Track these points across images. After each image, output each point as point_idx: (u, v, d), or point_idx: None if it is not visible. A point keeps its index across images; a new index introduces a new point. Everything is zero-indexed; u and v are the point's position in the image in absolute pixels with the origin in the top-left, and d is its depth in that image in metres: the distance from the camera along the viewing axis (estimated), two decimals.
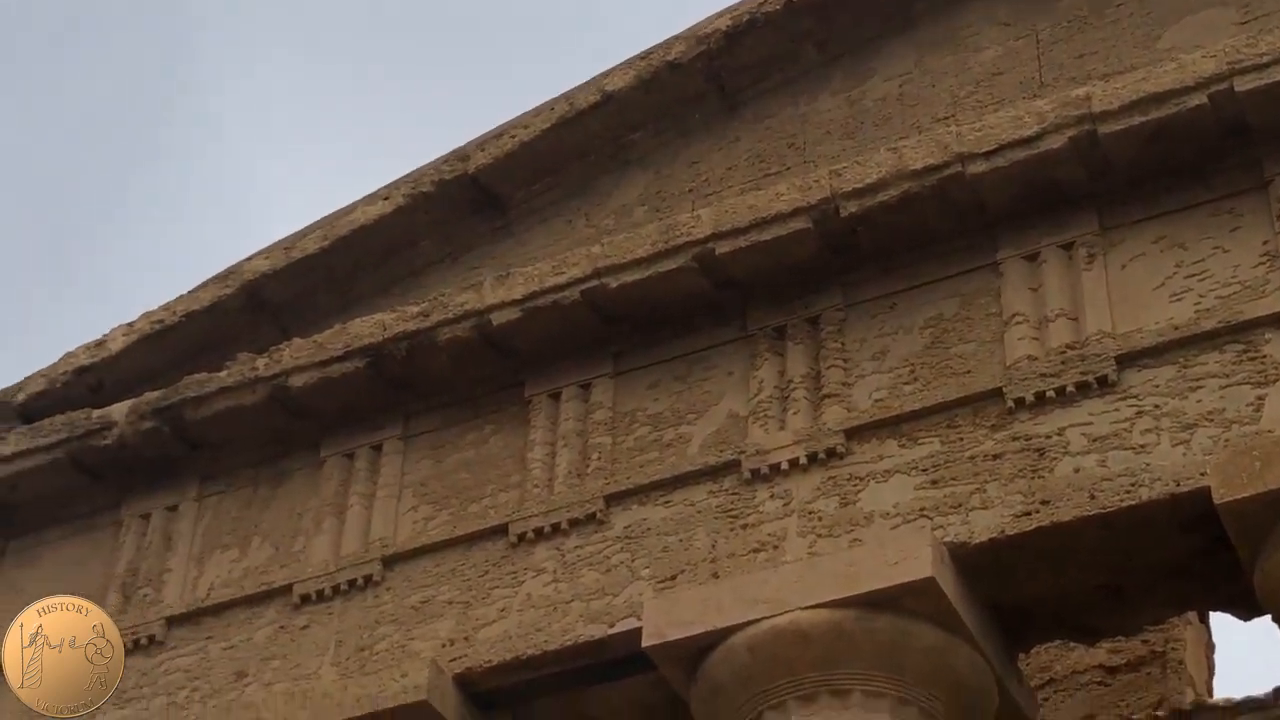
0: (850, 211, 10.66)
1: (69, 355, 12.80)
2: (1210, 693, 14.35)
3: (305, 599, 11.27)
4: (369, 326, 11.69)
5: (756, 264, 10.94)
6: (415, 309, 11.61)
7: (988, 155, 10.35)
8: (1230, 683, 28.97)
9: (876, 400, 10.46)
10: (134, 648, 11.51)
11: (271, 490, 11.99)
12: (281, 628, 11.26)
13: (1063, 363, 9.97)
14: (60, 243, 42.39)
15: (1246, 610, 9.95)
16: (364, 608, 11.09)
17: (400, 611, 10.97)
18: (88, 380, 12.71)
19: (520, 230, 12.58)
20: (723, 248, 10.93)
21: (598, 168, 12.49)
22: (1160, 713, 13.13)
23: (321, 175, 42.37)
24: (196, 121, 41.66)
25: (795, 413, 10.60)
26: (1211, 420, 9.46)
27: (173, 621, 11.57)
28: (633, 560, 10.54)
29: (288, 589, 11.36)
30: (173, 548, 11.94)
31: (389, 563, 11.20)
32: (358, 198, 12.81)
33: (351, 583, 11.19)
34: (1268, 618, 9.69)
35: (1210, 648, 14.71)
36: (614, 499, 10.82)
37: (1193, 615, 13.74)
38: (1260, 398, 9.41)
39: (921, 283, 10.75)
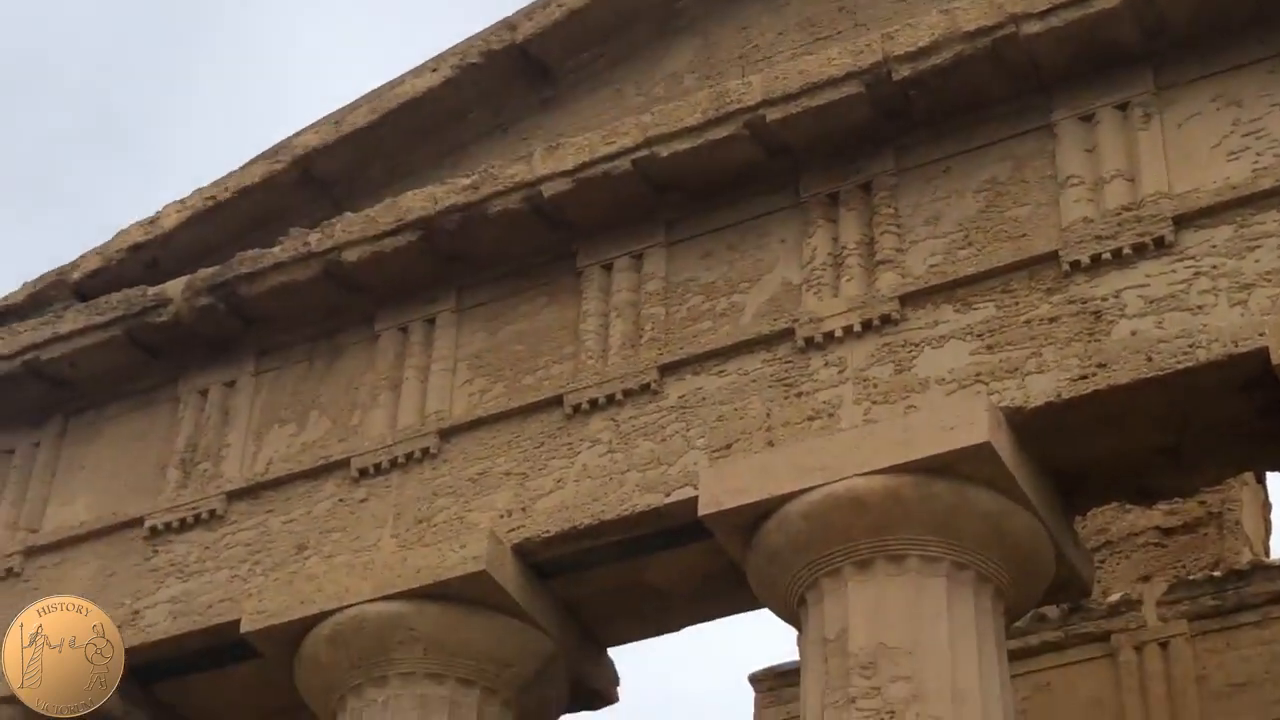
0: (903, 75, 10.54)
1: (123, 233, 12.85)
2: (1267, 552, 14.35)
3: (363, 472, 11.36)
4: (420, 200, 11.67)
5: (808, 130, 10.85)
6: (465, 181, 11.58)
7: (1042, 15, 10.19)
8: None
9: (931, 265, 10.40)
10: (195, 522, 11.67)
11: (327, 365, 12.05)
12: (340, 501, 11.36)
13: (1119, 224, 9.88)
14: (113, 119, 42.47)
15: None
16: (421, 480, 11.17)
17: (458, 483, 11.04)
18: (142, 257, 12.76)
19: (569, 100, 12.49)
20: (774, 114, 10.83)
21: (647, 35, 12.37)
22: (1217, 573, 13.14)
23: (370, 47, 42.21)
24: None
25: (849, 280, 10.56)
26: (1269, 280, 9.36)
27: (233, 496, 11.70)
28: (687, 430, 10.56)
29: (345, 462, 11.45)
30: (231, 423, 12.04)
31: (445, 435, 11.26)
32: (406, 70, 12.75)
33: (409, 455, 11.26)
34: None
35: (1267, 507, 14.69)
36: (668, 369, 10.83)
37: (1249, 476, 13.70)
38: None
39: (975, 146, 10.64)
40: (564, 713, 11.36)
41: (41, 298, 12.80)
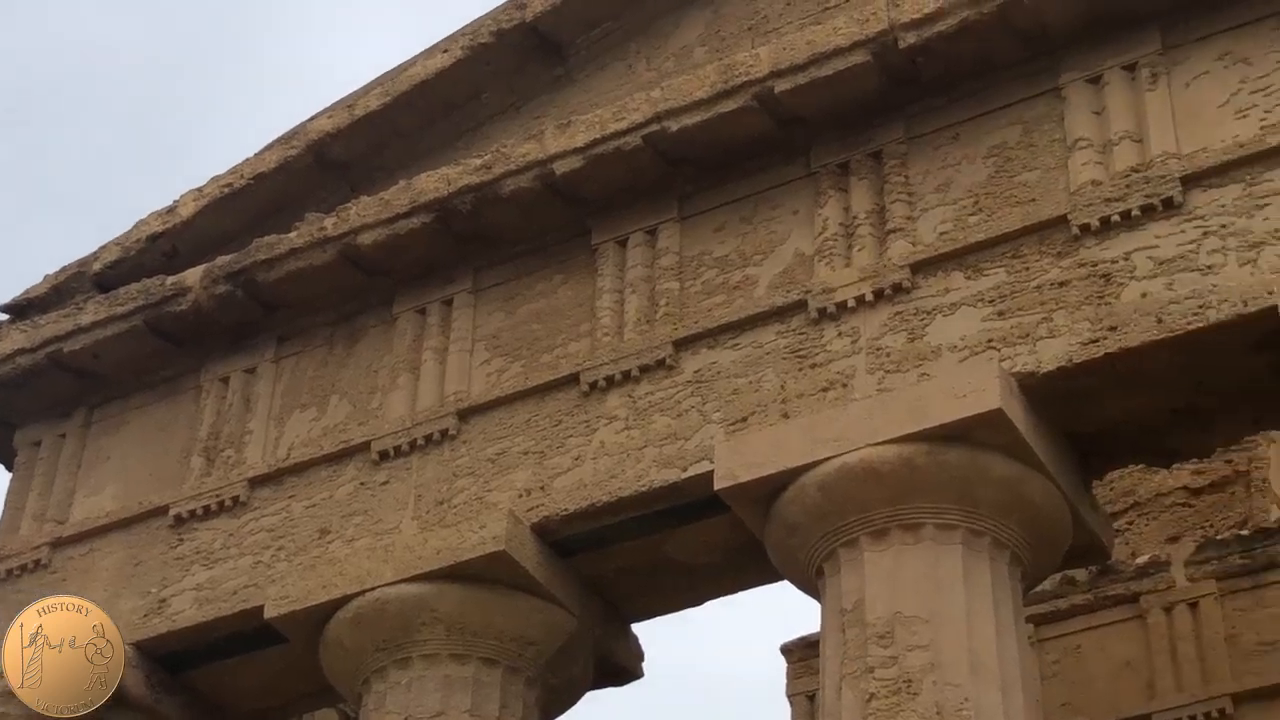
0: (909, 43, 10.51)
1: (141, 223, 12.93)
2: None
3: (384, 455, 11.42)
4: (433, 181, 11.70)
5: (817, 100, 10.83)
6: (478, 161, 11.61)
7: None
8: None
9: (941, 233, 10.37)
10: (219, 509, 11.76)
11: (346, 349, 12.11)
12: (362, 484, 11.42)
13: (1127, 186, 9.83)
14: (135, 113, 42.63)
15: None
16: (441, 461, 11.22)
17: (477, 464, 11.09)
18: (161, 247, 12.85)
19: (581, 76, 12.50)
20: (782, 85, 10.82)
21: (657, 9, 12.36)
22: (1244, 531, 13.09)
23: (380, 30, 42.22)
24: None
25: (861, 249, 10.54)
26: (1279, 238, 9.30)
27: (255, 482, 11.77)
28: (703, 404, 10.57)
29: (366, 446, 11.51)
30: (252, 409, 12.12)
31: (464, 416, 11.31)
32: (418, 51, 12.78)
33: (428, 437, 11.32)
34: None
35: None
36: (683, 344, 10.84)
37: (1276, 434, 13.62)
38: None
39: (983, 111, 10.61)
40: (589, 689, 11.42)
41: (63, 289, 12.91)
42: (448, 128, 12.67)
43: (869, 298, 10.33)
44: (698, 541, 10.78)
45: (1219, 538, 13.19)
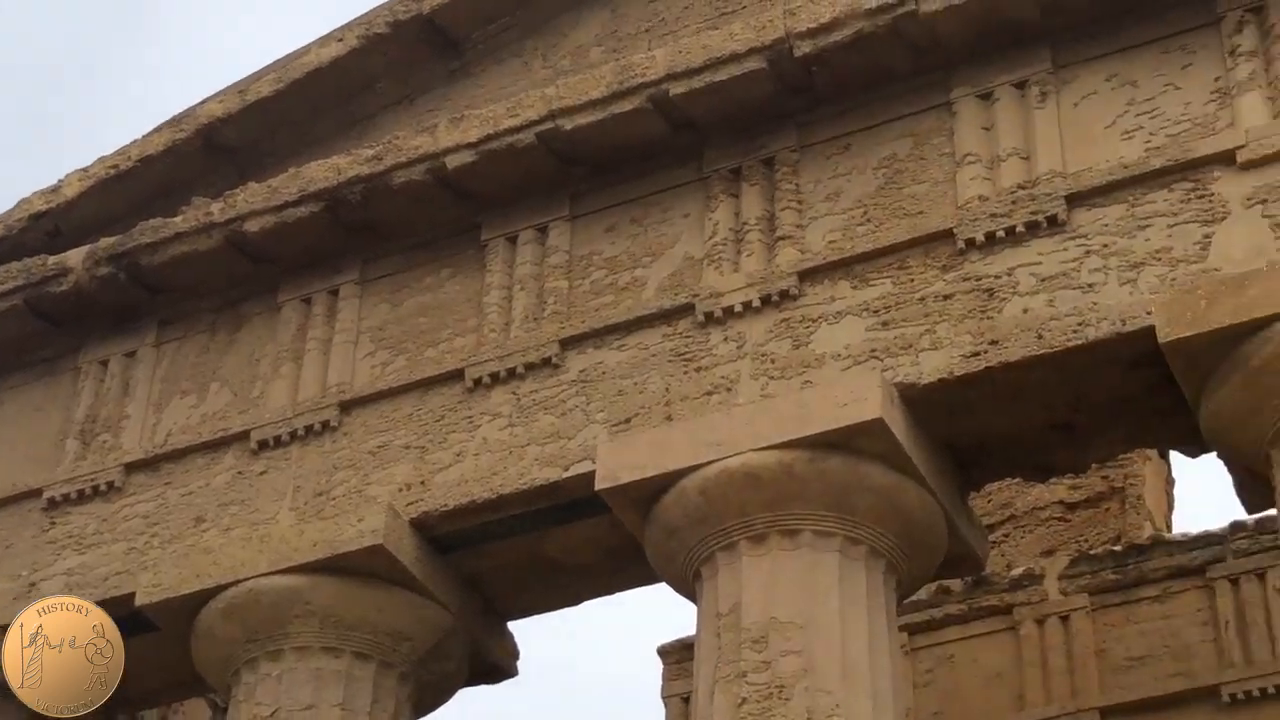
0: (804, 51, 10.56)
1: (24, 201, 12.73)
2: (1169, 527, 14.50)
3: (263, 444, 11.32)
4: (323, 170, 11.62)
5: (712, 105, 10.86)
6: (369, 152, 11.54)
7: None
8: (1201, 517, 29.26)
9: (830, 241, 10.44)
10: (93, 494, 11.61)
11: (229, 336, 12.00)
12: (239, 473, 11.32)
13: (1013, 202, 9.94)
14: (23, 90, 42.00)
15: (1194, 446, 10.00)
16: (321, 453, 11.14)
17: (357, 456, 11.03)
18: (44, 226, 12.66)
19: (477, 71, 12.45)
20: (677, 89, 10.84)
21: (555, 6, 12.33)
22: (1118, 547, 13.27)
23: (274, 14, 41.87)
24: None
25: (749, 255, 10.59)
26: (1159, 259, 9.45)
27: (131, 468, 11.63)
28: (588, 404, 10.57)
29: (245, 435, 11.41)
30: (131, 394, 11.98)
31: (346, 408, 11.24)
32: (312, 39, 12.67)
33: (309, 428, 11.24)
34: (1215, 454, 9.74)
35: (1170, 483, 14.85)
36: (569, 343, 10.84)
37: (1153, 451, 13.83)
38: (1208, 236, 9.40)
39: (875, 123, 10.69)
40: (463, 686, 11.38)
41: None
42: (340, 117, 12.59)
43: (756, 303, 10.38)
44: (577, 541, 10.78)
45: (1092, 553, 13.37)
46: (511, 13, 12.38)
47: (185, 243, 11.84)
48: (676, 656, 14.24)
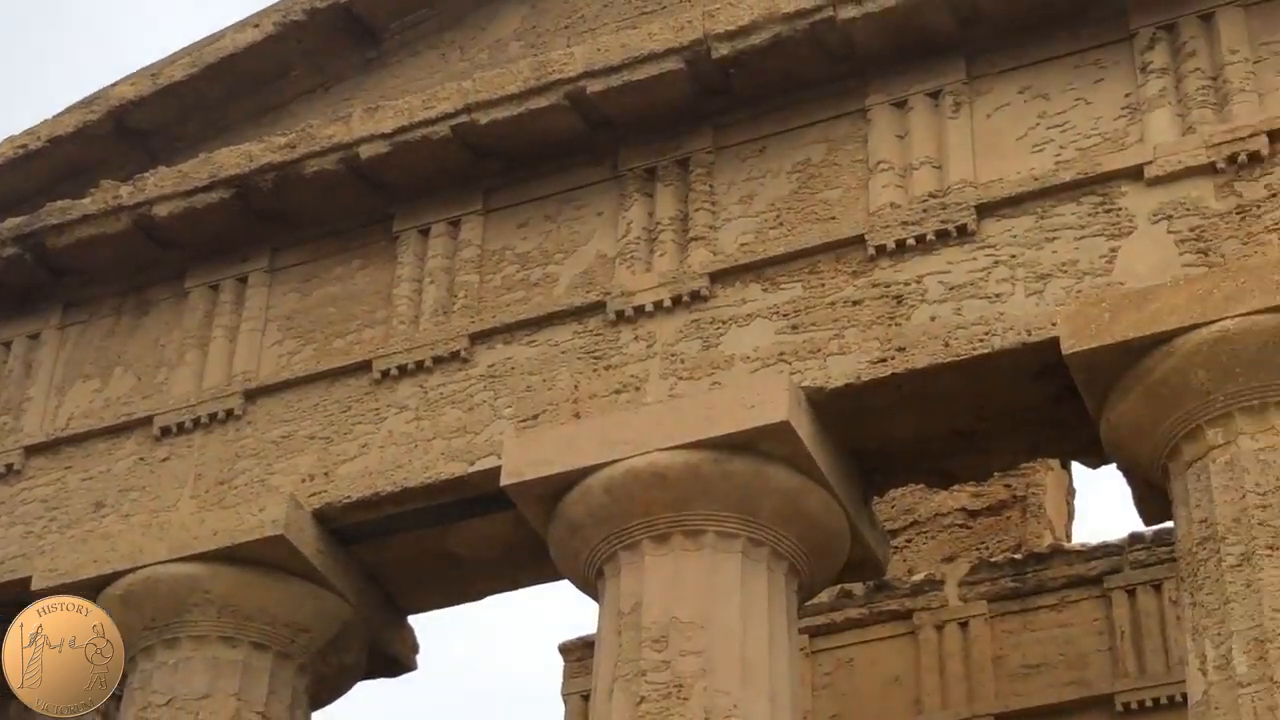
0: (722, 54, 10.58)
1: None
2: (1068, 537, 14.65)
3: (166, 431, 11.22)
4: (235, 157, 11.53)
5: (628, 104, 10.86)
6: (282, 140, 11.46)
7: (859, 0, 10.26)
8: (1101, 528, 29.59)
9: (742, 244, 10.47)
10: None
11: (135, 320, 11.88)
12: (141, 459, 11.22)
13: (924, 211, 10.01)
14: None
15: (1095, 457, 10.10)
16: (224, 441, 11.06)
17: (261, 446, 10.95)
18: None
19: (393, 62, 12.40)
20: (594, 86, 10.83)
21: (474, 0, 12.29)
22: (1018, 555, 13.38)
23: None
24: None
25: (662, 254, 10.60)
26: (1065, 271, 9.54)
27: (31, 451, 11.51)
28: (495, 399, 10.55)
29: (148, 420, 11.31)
30: (33, 376, 11.85)
31: (251, 396, 11.16)
32: (229, 23, 12.57)
33: (213, 416, 11.15)
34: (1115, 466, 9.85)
35: (1071, 493, 15.00)
36: (479, 337, 10.81)
37: (1055, 461, 13.96)
38: (1114, 250, 9.50)
39: (791, 127, 10.73)
40: (361, 679, 11.33)
41: None
42: (253, 104, 12.49)
43: (667, 303, 10.39)
44: (480, 536, 10.75)
45: (993, 560, 13.48)
46: (430, 4, 12.34)
47: (93, 225, 11.72)
48: (578, 654, 14.24)
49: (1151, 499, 9.69)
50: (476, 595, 11.29)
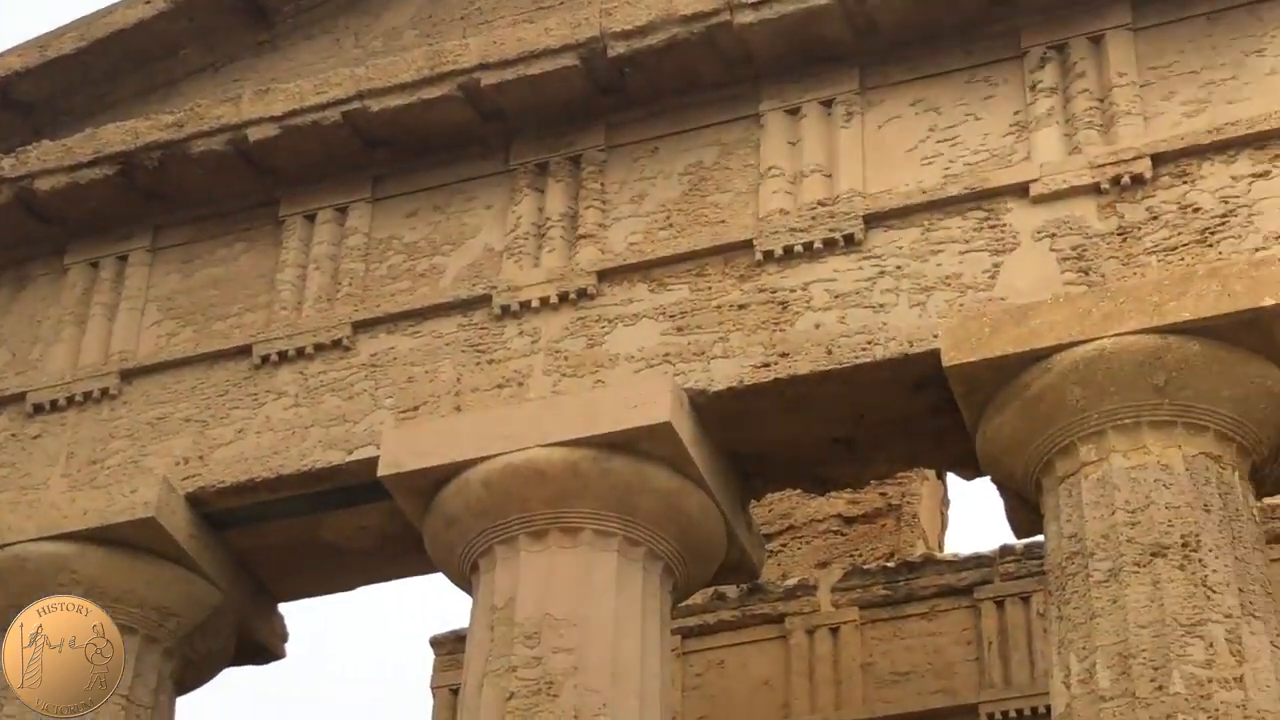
0: (618, 52, 10.59)
1: None
2: (941, 546, 14.81)
3: (39, 408, 11.07)
4: (121, 133, 11.38)
5: (522, 98, 10.84)
6: (169, 118, 11.33)
7: (756, 6, 10.32)
8: (973, 538, 29.96)
9: (631, 244, 10.48)
10: None
11: (12, 295, 11.71)
12: (13, 435, 11.06)
13: (813, 218, 10.07)
14: None
15: (970, 469, 10.21)
16: (99, 420, 10.92)
17: (135, 426, 10.82)
18: None
19: (286, 45, 12.28)
20: (488, 79, 10.80)
21: None
22: (890, 563, 13.50)
23: None
24: None
25: (550, 251, 10.59)
26: (949, 284, 9.63)
27: None
28: (376, 388, 10.49)
29: (21, 397, 11.15)
30: None
31: (127, 376, 11.03)
32: None
33: (87, 394, 11.01)
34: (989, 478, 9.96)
35: (945, 503, 15.16)
36: (361, 326, 10.75)
37: (931, 471, 14.10)
38: (997, 265, 9.61)
39: (684, 129, 10.76)
40: (228, 665, 11.22)
41: None
42: (141, 80, 12.33)
43: (553, 300, 10.38)
44: (355, 526, 10.69)
45: (865, 567, 13.59)
46: None
47: None
48: (449, 648, 14.18)
49: (1023, 512, 9.80)
50: (349, 585, 11.23)
